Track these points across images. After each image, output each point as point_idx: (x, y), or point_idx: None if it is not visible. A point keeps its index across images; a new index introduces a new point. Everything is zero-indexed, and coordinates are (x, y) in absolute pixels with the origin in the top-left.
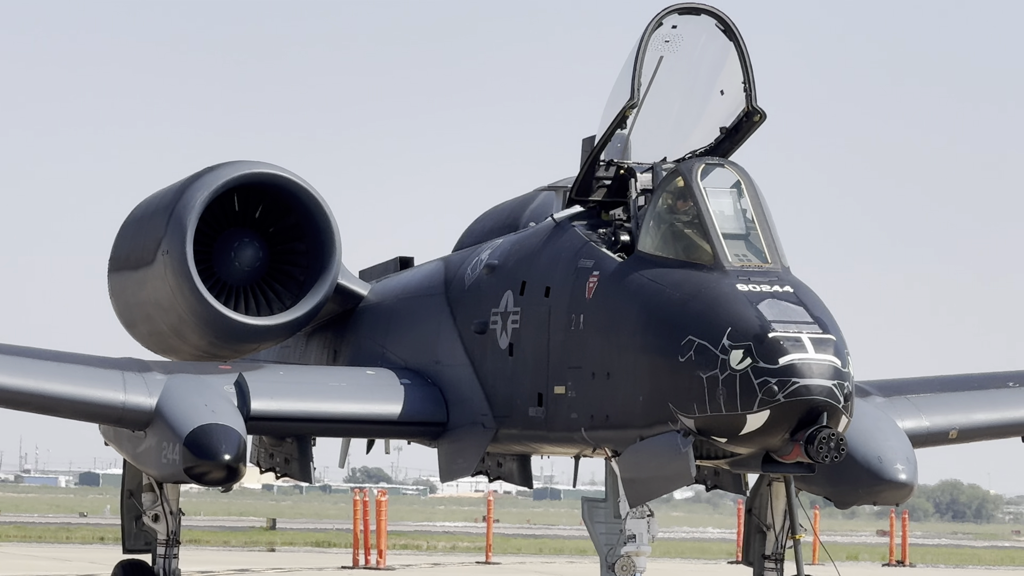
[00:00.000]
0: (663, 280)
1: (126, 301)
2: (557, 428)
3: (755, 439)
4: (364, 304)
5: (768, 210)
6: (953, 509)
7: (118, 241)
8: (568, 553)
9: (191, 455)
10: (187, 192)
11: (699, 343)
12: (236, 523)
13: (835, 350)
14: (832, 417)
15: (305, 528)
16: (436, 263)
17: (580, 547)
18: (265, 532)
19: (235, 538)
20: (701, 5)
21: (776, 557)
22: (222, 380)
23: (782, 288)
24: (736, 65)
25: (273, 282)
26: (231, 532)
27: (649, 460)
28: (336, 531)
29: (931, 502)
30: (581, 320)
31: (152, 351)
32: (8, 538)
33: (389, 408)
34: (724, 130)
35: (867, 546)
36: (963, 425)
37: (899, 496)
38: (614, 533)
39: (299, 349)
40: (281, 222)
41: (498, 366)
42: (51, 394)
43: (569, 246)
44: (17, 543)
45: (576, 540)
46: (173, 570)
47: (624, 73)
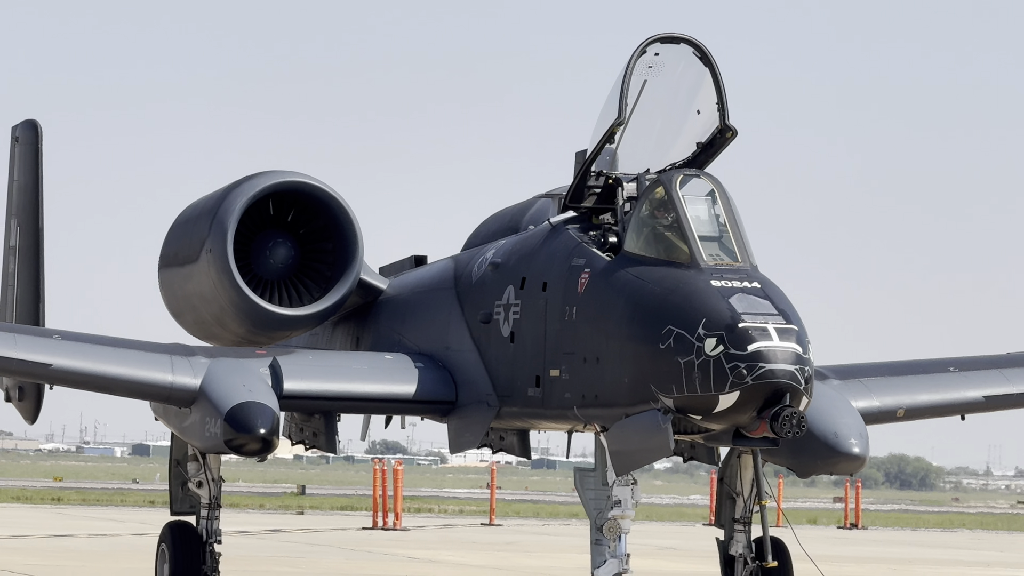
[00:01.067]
0: (646, 276)
1: (174, 294)
2: (552, 406)
3: (726, 416)
4: (383, 297)
5: (739, 215)
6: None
7: (167, 241)
8: (562, 517)
9: (231, 429)
10: (228, 198)
11: (677, 332)
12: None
13: (797, 338)
14: (794, 397)
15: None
16: (446, 261)
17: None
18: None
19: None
20: (680, 35)
21: (744, 520)
22: (258, 363)
23: (750, 284)
24: (711, 88)
25: (303, 277)
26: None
27: (633, 435)
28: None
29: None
30: (574, 312)
31: (196, 338)
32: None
33: (405, 388)
34: (700, 145)
35: (825, 511)
36: (909, 405)
37: (853, 467)
38: (602, 499)
39: (326, 336)
40: (310, 224)
41: (501, 352)
42: (108, 375)
43: (564, 246)
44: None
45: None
46: (214, 530)
47: (612, 94)
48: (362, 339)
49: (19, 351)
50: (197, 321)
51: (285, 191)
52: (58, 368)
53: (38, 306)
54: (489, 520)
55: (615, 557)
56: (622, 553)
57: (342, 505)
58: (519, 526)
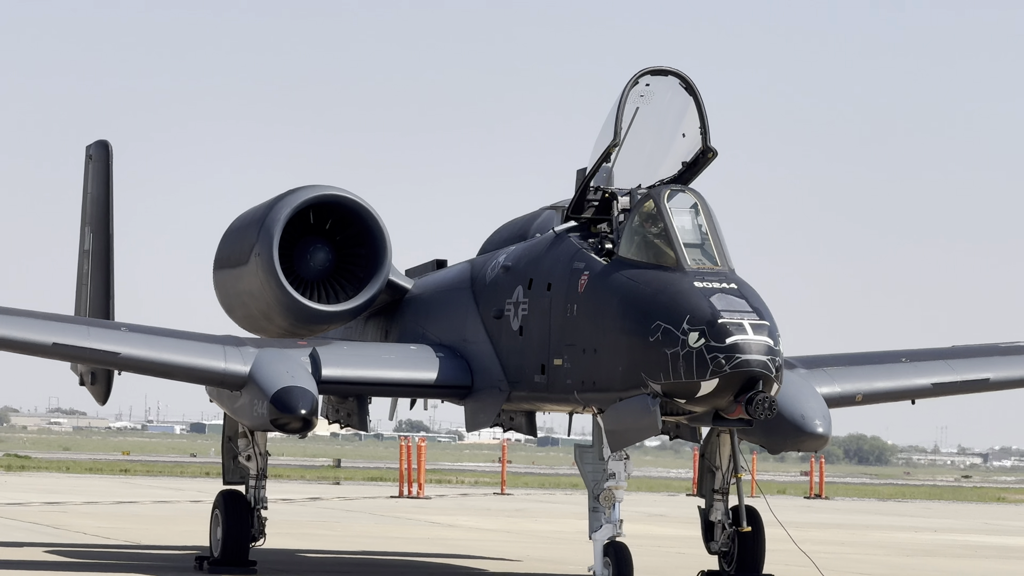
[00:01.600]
0: (638, 278)
1: (226, 292)
2: (556, 391)
3: (707, 400)
4: (409, 295)
5: (719, 225)
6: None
7: (221, 246)
8: (564, 487)
9: (276, 410)
10: (274, 209)
11: (665, 327)
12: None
13: (769, 333)
14: (766, 384)
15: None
16: (464, 264)
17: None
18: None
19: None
20: (668, 68)
21: (723, 491)
22: (300, 353)
23: (729, 285)
24: (695, 114)
25: (339, 278)
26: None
27: (626, 416)
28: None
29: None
30: (575, 309)
31: (246, 330)
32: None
33: (427, 375)
34: (685, 164)
35: (792, 483)
36: (866, 391)
37: (817, 445)
38: (599, 472)
39: (359, 329)
40: (346, 232)
41: (511, 343)
42: (169, 363)
43: (566, 252)
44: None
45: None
46: (261, 498)
47: (608, 119)
48: (390, 332)
49: (92, 341)
50: (247, 316)
51: (324, 203)
52: (125, 356)
53: (108, 302)
54: (501, 490)
55: (610, 523)
56: (616, 519)
57: (372, 477)
58: (527, 495)
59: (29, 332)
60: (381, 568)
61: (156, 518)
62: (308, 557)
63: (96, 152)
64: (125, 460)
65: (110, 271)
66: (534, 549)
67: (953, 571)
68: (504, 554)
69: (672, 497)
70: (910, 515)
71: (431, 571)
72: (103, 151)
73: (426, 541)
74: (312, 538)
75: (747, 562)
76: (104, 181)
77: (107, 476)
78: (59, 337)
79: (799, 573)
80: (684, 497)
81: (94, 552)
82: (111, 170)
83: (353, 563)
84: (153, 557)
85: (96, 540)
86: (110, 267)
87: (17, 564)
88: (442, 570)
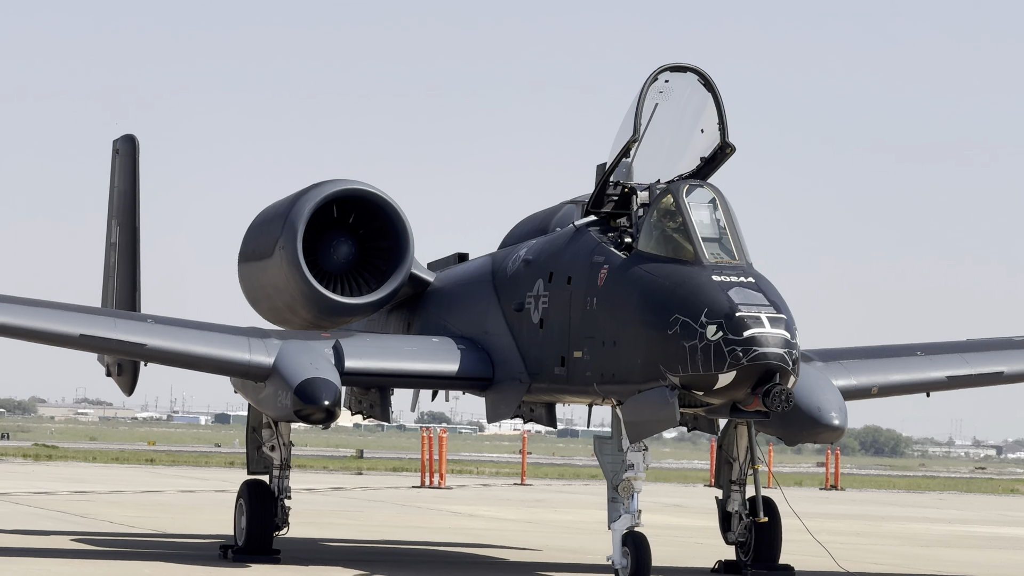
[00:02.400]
0: (657, 272)
1: (251, 284)
2: (576, 383)
3: (725, 393)
4: (431, 288)
5: (736, 219)
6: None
7: (246, 239)
8: (583, 478)
9: (299, 401)
10: (298, 203)
11: (683, 320)
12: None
13: (786, 326)
14: (783, 377)
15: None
16: (485, 258)
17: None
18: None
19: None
20: (687, 65)
21: (740, 482)
22: (323, 345)
23: (746, 279)
24: (713, 110)
25: (362, 271)
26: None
27: (645, 408)
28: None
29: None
30: (594, 302)
31: (270, 322)
32: (162, 462)
33: (449, 367)
34: (703, 159)
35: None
36: (882, 383)
37: (833, 437)
38: (618, 462)
39: (381, 322)
40: (369, 225)
41: (531, 336)
42: (195, 354)
43: (586, 246)
44: (168, 466)
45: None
46: (285, 488)
47: (628, 115)
48: (412, 324)
49: (119, 333)
50: (271, 308)
51: (347, 197)
52: (151, 348)
53: (135, 294)
54: (521, 481)
55: (629, 513)
56: (635, 509)
57: (394, 467)
58: (546, 486)
59: (57, 324)
60: (403, 557)
61: (181, 507)
62: (331, 546)
63: (123, 146)
64: (151, 450)
65: (136, 264)
66: (554, 539)
67: (967, 562)
68: (524, 544)
69: (690, 488)
70: (925, 506)
71: (452, 560)
72: (130, 145)
73: (447, 531)
74: (335, 527)
75: (764, 552)
76: (131, 175)
77: (133, 466)
78: (86, 329)
79: (815, 563)
80: (702, 488)
81: (120, 540)
82: (138, 164)
83: (375, 552)
84: (178, 546)
85: (122, 529)
86: (136, 260)
87: (44, 552)
88: (463, 559)
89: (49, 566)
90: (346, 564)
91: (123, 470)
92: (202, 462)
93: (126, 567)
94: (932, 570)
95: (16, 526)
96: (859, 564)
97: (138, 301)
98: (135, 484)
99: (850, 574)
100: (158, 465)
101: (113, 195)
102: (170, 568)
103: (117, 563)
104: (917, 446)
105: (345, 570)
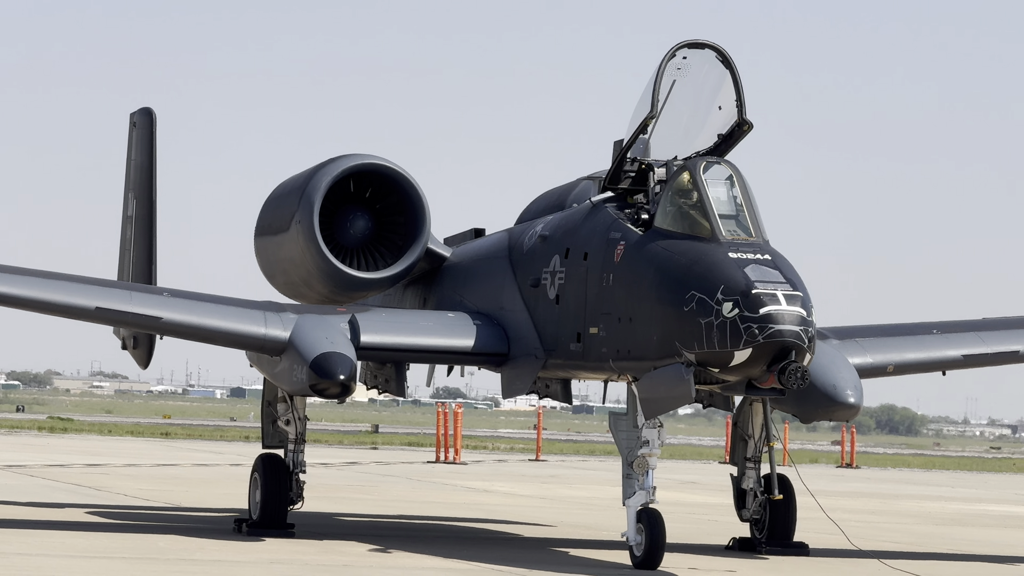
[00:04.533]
0: (673, 249)
1: (267, 258)
2: (591, 359)
3: (740, 370)
4: (447, 264)
5: (753, 197)
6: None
7: (262, 213)
8: (599, 454)
9: (315, 375)
10: (315, 177)
11: (699, 297)
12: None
13: (802, 303)
14: (799, 354)
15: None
16: (502, 233)
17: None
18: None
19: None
20: (705, 41)
21: (755, 459)
22: (339, 319)
23: (762, 256)
24: (731, 87)
25: (378, 245)
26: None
27: (660, 384)
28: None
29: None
30: (611, 278)
31: (286, 296)
32: (177, 436)
33: (465, 342)
34: (721, 136)
35: (824, 452)
36: (898, 362)
37: (849, 415)
38: (633, 439)
39: (397, 296)
40: (385, 200)
41: (547, 312)
42: (211, 327)
43: (602, 222)
44: (184, 439)
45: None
46: (300, 462)
47: (646, 92)
48: (428, 300)
49: (134, 306)
50: (287, 282)
51: (364, 171)
52: (167, 321)
53: (151, 268)
54: (536, 456)
55: (643, 489)
56: (649, 486)
57: (410, 442)
58: (561, 462)
59: (72, 296)
60: (417, 532)
61: (196, 481)
62: (345, 520)
63: (140, 119)
64: (166, 424)
65: (153, 237)
66: (568, 515)
67: (982, 540)
68: (538, 519)
69: (705, 465)
70: (939, 485)
71: (466, 535)
72: (147, 118)
73: (462, 506)
74: (349, 502)
75: (778, 530)
76: (148, 148)
77: (148, 439)
78: (102, 301)
79: (829, 541)
80: (716, 465)
81: (135, 513)
82: (155, 137)
83: (389, 527)
84: (193, 519)
85: (137, 502)
86: (153, 233)
87: (59, 524)
88: (477, 534)
89: (63, 538)
90: (360, 539)
91: (138, 443)
92: (217, 436)
93: (140, 540)
94: (947, 548)
95: (31, 498)
96: (873, 542)
97: (154, 274)
98: (150, 457)
99: (864, 552)
100: (173, 439)
101: (130, 168)
102: (184, 541)
103: (131, 536)
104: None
105: (359, 544)
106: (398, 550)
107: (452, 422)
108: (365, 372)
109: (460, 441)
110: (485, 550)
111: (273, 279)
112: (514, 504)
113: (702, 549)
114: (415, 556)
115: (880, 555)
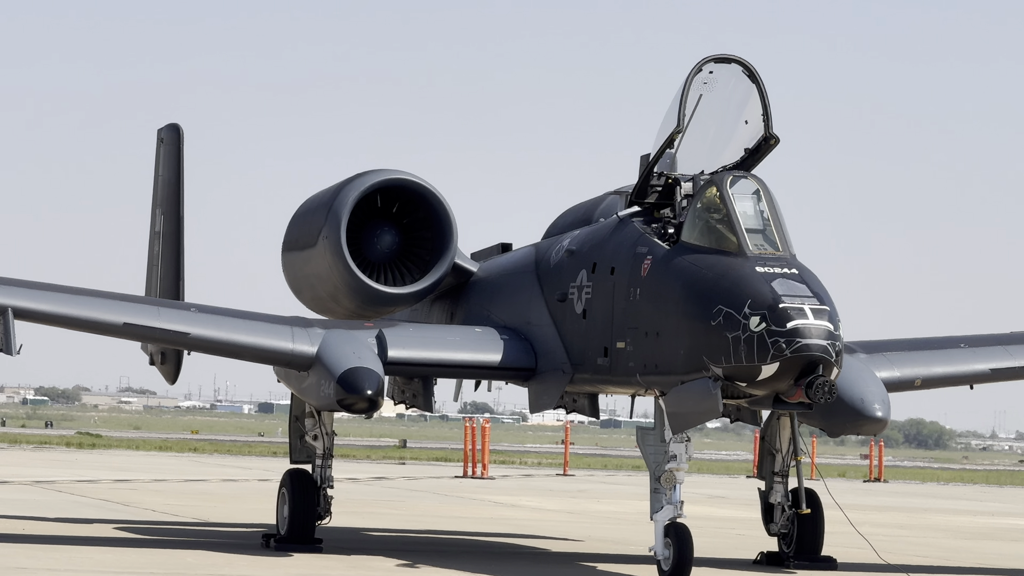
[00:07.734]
0: (700, 263)
1: (294, 274)
2: (619, 374)
3: (768, 384)
4: (474, 278)
5: (780, 211)
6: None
7: (289, 228)
8: (626, 469)
9: (342, 390)
10: (341, 192)
11: (727, 311)
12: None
13: (829, 317)
14: (826, 368)
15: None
16: (529, 248)
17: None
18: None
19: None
20: (731, 56)
21: (782, 473)
22: (366, 334)
23: (790, 270)
24: (757, 101)
25: (406, 260)
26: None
27: (687, 399)
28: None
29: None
30: (638, 292)
31: (313, 312)
32: (205, 451)
33: (492, 357)
34: (747, 151)
35: (852, 466)
36: (925, 376)
37: (876, 429)
38: (660, 453)
39: (425, 311)
40: (412, 215)
41: (575, 326)
42: (238, 343)
43: (629, 236)
44: (211, 455)
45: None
46: (327, 477)
47: (672, 106)
48: (456, 314)
49: (162, 322)
50: (314, 298)
51: (391, 187)
52: (195, 336)
53: (178, 283)
54: (563, 471)
55: (671, 504)
56: (677, 500)
57: (437, 457)
58: (589, 476)
59: (101, 312)
60: (445, 547)
61: (224, 496)
62: (373, 535)
63: (168, 135)
64: (194, 439)
65: (180, 253)
66: (596, 529)
67: (1011, 554)
68: (566, 534)
69: (732, 479)
70: (968, 499)
71: (494, 550)
72: (175, 134)
73: (489, 521)
74: (377, 517)
75: (806, 544)
76: (175, 164)
77: (176, 454)
78: (130, 317)
79: (858, 556)
80: (744, 479)
81: (163, 529)
82: (182, 153)
83: (417, 542)
84: (221, 534)
85: (165, 517)
86: (180, 249)
87: (88, 540)
88: (505, 549)
89: (92, 554)
90: (388, 554)
91: (166, 459)
92: (245, 451)
93: (169, 555)
94: (975, 563)
95: (59, 514)
96: (902, 556)
97: (182, 290)
98: (178, 473)
99: (892, 566)
100: (201, 454)
101: (158, 184)
102: (212, 556)
103: (160, 551)
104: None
105: (387, 560)
106: (426, 565)
107: (480, 437)
108: (393, 387)
109: (488, 456)
110: (513, 565)
111: (300, 294)
112: (542, 519)
113: (730, 564)
114: (443, 571)
115: (909, 569)
